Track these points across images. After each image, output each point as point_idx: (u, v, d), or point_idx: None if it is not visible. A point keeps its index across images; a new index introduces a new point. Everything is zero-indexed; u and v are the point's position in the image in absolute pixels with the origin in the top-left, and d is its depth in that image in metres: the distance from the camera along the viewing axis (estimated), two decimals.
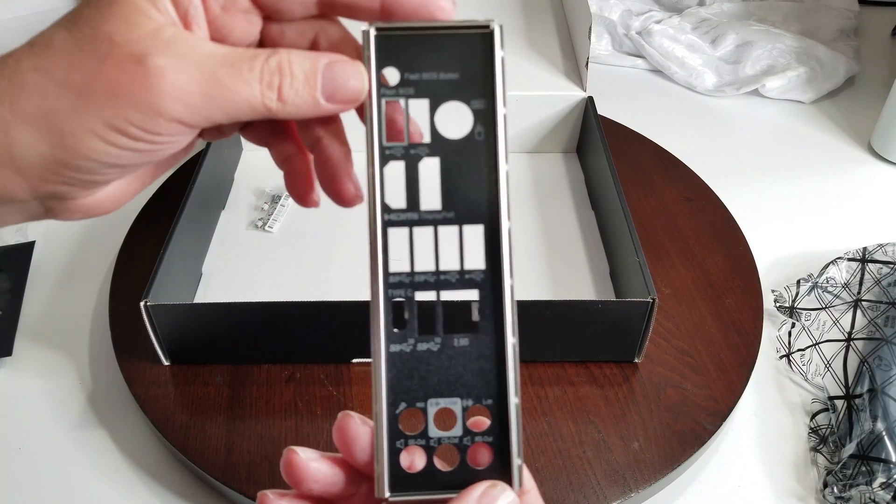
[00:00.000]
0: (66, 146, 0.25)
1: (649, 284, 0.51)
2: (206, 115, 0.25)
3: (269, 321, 0.52)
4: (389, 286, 0.26)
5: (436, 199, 0.26)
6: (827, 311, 0.61)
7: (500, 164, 0.26)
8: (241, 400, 0.52)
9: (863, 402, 0.52)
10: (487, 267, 0.26)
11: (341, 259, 0.63)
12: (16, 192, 0.26)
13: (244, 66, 0.25)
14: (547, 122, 0.72)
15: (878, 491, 0.47)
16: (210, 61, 0.25)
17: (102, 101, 0.24)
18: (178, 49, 0.24)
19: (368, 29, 0.26)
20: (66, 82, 0.24)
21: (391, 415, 0.26)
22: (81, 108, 0.24)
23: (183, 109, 0.25)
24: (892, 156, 0.78)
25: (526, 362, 0.55)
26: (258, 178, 0.70)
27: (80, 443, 0.52)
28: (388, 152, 0.26)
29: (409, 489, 0.26)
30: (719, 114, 0.85)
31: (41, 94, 0.24)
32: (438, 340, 0.26)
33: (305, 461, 0.27)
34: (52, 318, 0.61)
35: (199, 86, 0.24)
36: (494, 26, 0.26)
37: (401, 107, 0.26)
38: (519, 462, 0.26)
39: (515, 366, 0.26)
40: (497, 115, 0.26)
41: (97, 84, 0.24)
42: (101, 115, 0.24)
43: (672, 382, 0.54)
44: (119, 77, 0.24)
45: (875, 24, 1.00)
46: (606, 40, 0.92)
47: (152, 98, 0.24)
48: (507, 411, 0.26)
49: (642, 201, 0.69)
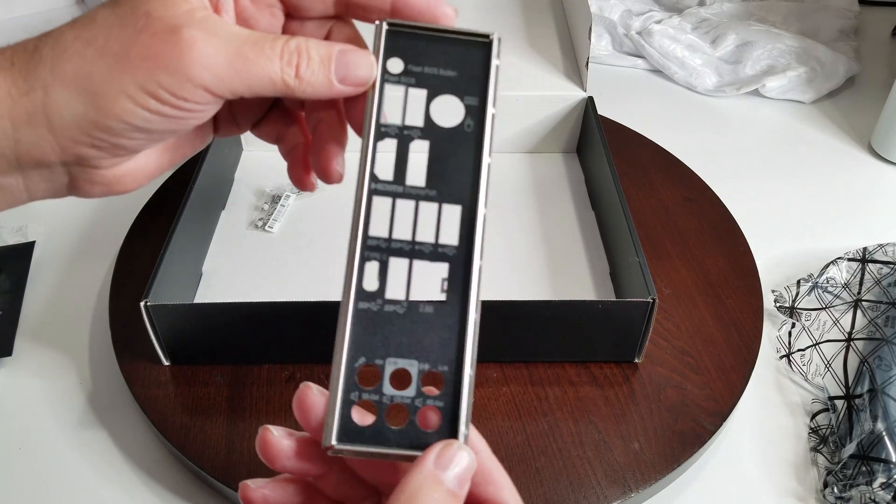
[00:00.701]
0: (99, 106, 0.27)
1: (649, 284, 0.51)
2: (230, 85, 0.28)
3: (269, 321, 0.52)
4: (367, 248, 0.28)
5: (421, 177, 0.28)
6: (827, 311, 0.61)
7: (484, 155, 0.28)
8: (241, 400, 0.52)
9: (863, 402, 0.52)
10: (461, 245, 0.28)
11: (341, 259, 0.63)
12: (46, 152, 0.28)
13: (266, 45, 0.28)
14: (547, 122, 0.72)
15: (879, 491, 0.47)
16: (237, 39, 0.27)
17: (137, 65, 0.26)
18: (209, 26, 0.27)
19: (381, 23, 0.29)
20: (104, 49, 0.27)
21: (349, 367, 0.27)
22: (117, 71, 0.27)
23: (210, 77, 0.27)
24: (892, 156, 0.78)
25: (526, 362, 0.55)
26: (258, 178, 0.70)
27: (80, 443, 0.52)
28: (384, 129, 0.29)
29: (356, 442, 0.26)
30: (719, 114, 0.85)
31: (81, 58, 0.27)
32: (405, 304, 0.28)
33: (278, 438, 0.28)
34: (52, 318, 0.61)
35: (225, 58, 0.27)
36: (494, 38, 0.29)
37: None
38: (465, 431, 0.26)
39: (474, 340, 0.27)
40: (486, 112, 0.29)
41: (133, 50, 0.27)
42: (135, 77, 0.27)
43: (672, 382, 0.54)
44: (154, 44, 0.26)
45: (875, 24, 1.00)
46: (606, 40, 0.92)
47: (183, 63, 0.27)
48: (461, 381, 0.27)
49: (642, 201, 0.69)
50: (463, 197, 0.28)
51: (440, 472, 0.25)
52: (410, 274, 0.28)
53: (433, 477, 0.25)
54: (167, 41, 0.26)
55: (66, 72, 0.27)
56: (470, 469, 0.26)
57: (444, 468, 0.25)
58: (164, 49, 0.26)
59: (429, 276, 0.28)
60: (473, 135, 0.29)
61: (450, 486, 0.25)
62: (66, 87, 0.27)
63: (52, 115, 0.27)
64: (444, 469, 0.25)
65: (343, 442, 0.26)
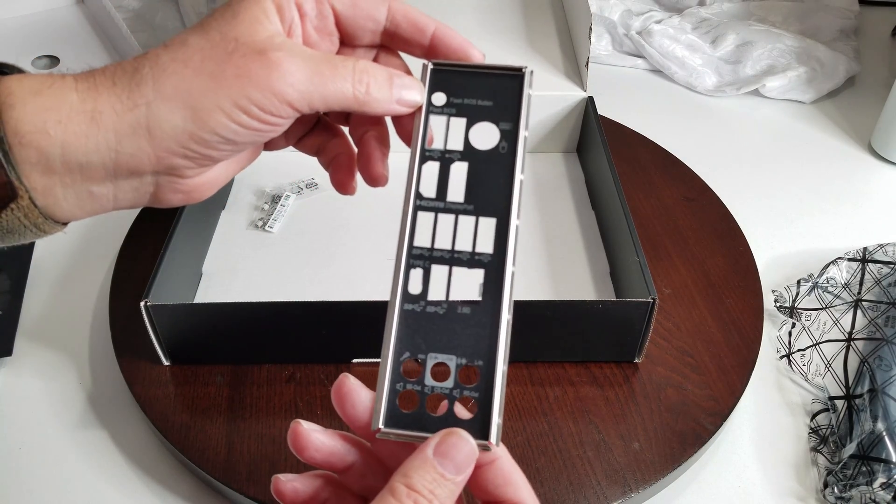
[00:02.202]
0: (196, 119, 0.30)
1: (649, 284, 0.51)
2: (309, 100, 0.31)
3: (269, 321, 0.52)
4: (412, 256, 0.31)
5: (460, 194, 0.32)
6: (827, 311, 0.61)
7: (517, 173, 0.32)
8: (241, 400, 0.52)
9: (863, 402, 0.52)
10: (495, 253, 0.31)
11: (341, 259, 0.63)
12: (142, 162, 0.31)
13: (339, 65, 0.32)
14: (547, 122, 0.72)
15: (879, 491, 0.47)
16: (314, 59, 0.31)
17: (231, 83, 0.30)
18: (290, 48, 0.31)
19: (428, 63, 0.34)
20: (200, 69, 0.30)
21: (396, 361, 0.30)
22: (213, 88, 0.30)
23: (294, 93, 0.30)
24: (892, 156, 0.78)
25: (526, 362, 0.55)
26: (258, 178, 0.70)
27: (80, 443, 0.52)
28: (428, 154, 0.33)
29: (400, 426, 0.29)
30: (719, 114, 0.85)
31: (179, 77, 0.30)
32: (445, 306, 0.31)
33: (308, 431, 0.31)
34: (52, 318, 0.61)
35: (306, 75, 0.31)
36: (526, 71, 0.33)
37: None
38: (498, 421, 0.29)
39: (507, 339, 0.30)
40: (519, 135, 0.32)
41: (228, 69, 0.30)
42: (230, 94, 0.30)
43: (672, 382, 0.54)
44: (246, 64, 0.30)
45: (875, 24, 1.00)
46: (606, 40, 0.92)
47: (271, 81, 0.30)
48: (494, 375, 0.30)
49: (642, 201, 0.69)
50: (497, 210, 0.31)
51: (437, 457, 0.28)
52: (450, 279, 0.31)
53: (429, 461, 0.28)
54: (257, 61, 0.30)
55: (166, 90, 0.30)
56: (470, 457, 0.28)
57: (442, 454, 0.28)
58: (255, 68, 0.30)
59: (467, 281, 0.31)
60: (507, 155, 0.32)
61: (442, 471, 0.28)
62: (167, 102, 0.30)
63: (154, 127, 0.30)
64: (442, 455, 0.28)
65: (389, 426, 0.29)
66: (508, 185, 0.32)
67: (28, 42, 0.85)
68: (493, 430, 0.29)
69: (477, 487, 0.30)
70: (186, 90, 0.30)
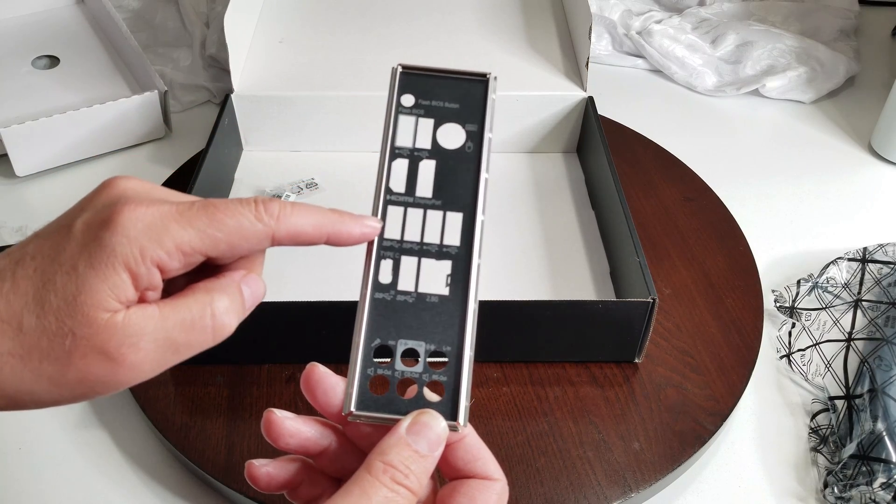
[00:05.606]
0: (23, 406, 0.29)
1: (649, 284, 0.51)
2: (163, 368, 0.30)
3: (269, 321, 0.52)
4: (382, 248, 0.33)
5: (428, 190, 0.33)
6: (827, 311, 0.61)
7: (482, 171, 0.33)
8: (241, 400, 0.52)
9: (863, 402, 0.52)
10: (462, 245, 0.33)
11: (341, 259, 0.63)
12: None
13: (197, 325, 0.31)
14: (547, 122, 0.72)
15: (879, 491, 0.47)
16: (166, 331, 0.29)
17: (74, 387, 0.28)
18: (132, 331, 0.28)
19: (396, 67, 0.34)
20: (39, 370, 0.28)
21: (367, 346, 0.32)
22: (56, 394, 0.28)
23: (141, 376, 0.29)
24: (892, 156, 0.78)
25: (526, 362, 0.55)
26: (258, 178, 0.70)
27: (80, 443, 0.52)
28: (398, 151, 0.34)
29: (371, 409, 0.31)
30: (719, 114, 0.85)
31: (18, 379, 0.28)
32: (414, 295, 0.32)
33: (281, 419, 0.32)
34: None
35: (156, 357, 0.29)
36: (491, 77, 0.34)
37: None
38: (466, 403, 0.30)
39: (473, 327, 0.31)
40: (484, 136, 0.34)
41: (69, 373, 0.28)
42: (73, 394, 0.29)
43: (672, 382, 0.54)
44: (87, 368, 0.28)
45: (875, 24, 1.00)
46: (606, 40, 0.92)
47: (117, 378, 0.29)
48: (462, 360, 0.31)
49: (642, 201, 0.69)
50: (464, 206, 0.33)
51: (411, 436, 0.29)
52: (419, 270, 0.33)
53: (403, 440, 0.29)
54: (99, 363, 0.28)
55: (4, 390, 0.28)
56: (441, 435, 0.30)
57: (415, 433, 0.29)
58: (98, 371, 0.28)
59: (435, 271, 0.32)
60: (473, 154, 0.34)
61: (417, 448, 0.29)
62: (2, 401, 0.28)
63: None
64: (415, 434, 0.29)
65: (360, 409, 0.31)
66: (475, 182, 0.33)
67: (28, 42, 0.85)
68: (461, 412, 0.30)
69: (447, 465, 0.31)
70: (26, 392, 0.28)
